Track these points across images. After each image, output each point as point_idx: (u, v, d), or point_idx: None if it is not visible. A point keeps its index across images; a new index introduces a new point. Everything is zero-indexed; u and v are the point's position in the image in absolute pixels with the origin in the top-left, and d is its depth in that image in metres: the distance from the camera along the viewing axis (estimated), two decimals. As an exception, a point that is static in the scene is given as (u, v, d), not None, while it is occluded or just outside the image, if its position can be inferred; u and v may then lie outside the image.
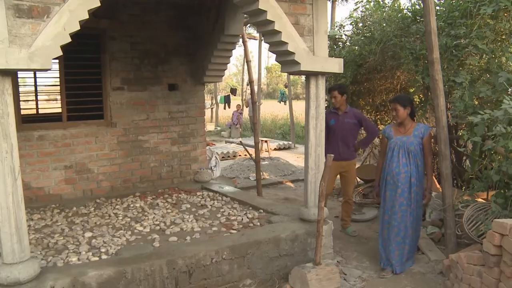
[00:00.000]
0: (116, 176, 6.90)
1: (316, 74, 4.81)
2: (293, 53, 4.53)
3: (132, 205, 6.09)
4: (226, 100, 27.97)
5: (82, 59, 6.62)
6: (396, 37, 6.83)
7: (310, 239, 4.80)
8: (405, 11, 7.25)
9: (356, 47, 8.15)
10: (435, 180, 6.67)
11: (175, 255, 4.10)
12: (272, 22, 4.36)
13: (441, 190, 5.37)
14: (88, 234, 4.90)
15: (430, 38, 5.01)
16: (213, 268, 4.24)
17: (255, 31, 18.99)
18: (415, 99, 7.45)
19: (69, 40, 3.51)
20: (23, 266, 3.53)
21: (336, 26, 9.55)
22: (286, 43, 4.49)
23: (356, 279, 4.83)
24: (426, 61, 5.90)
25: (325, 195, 4.43)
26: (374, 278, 4.90)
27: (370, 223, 6.90)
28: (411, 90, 7.72)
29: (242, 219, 5.34)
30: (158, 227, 5.17)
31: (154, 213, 5.68)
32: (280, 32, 4.42)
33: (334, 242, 5.11)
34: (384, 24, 7.34)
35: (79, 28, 3.54)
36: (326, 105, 5.57)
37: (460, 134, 6.32)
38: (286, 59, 4.68)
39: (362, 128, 6.53)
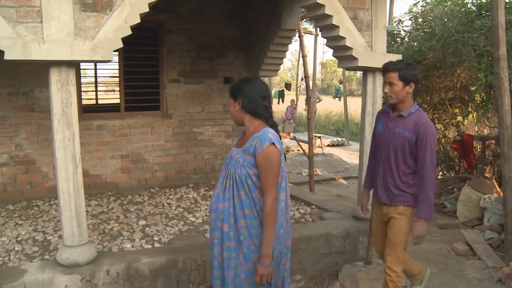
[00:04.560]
0: (171, 167, 7.05)
1: (373, 70, 4.73)
2: (350, 48, 4.48)
3: (185, 196, 6.21)
4: (280, 95, 28.01)
5: (140, 52, 6.80)
6: (458, 33, 6.60)
7: (362, 237, 4.75)
8: (469, 5, 6.99)
9: (415, 43, 7.94)
10: (495, 183, 6.37)
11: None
12: (330, 16, 4.32)
13: (502, 194, 5.14)
14: (142, 222, 5.04)
15: (497, 33, 4.75)
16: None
17: (311, 26, 18.88)
18: (476, 98, 7.18)
19: (130, 32, 3.61)
20: (81, 249, 3.68)
21: (395, 21, 9.33)
22: (343, 38, 4.44)
23: (407, 281, 4.73)
24: (490, 58, 5.67)
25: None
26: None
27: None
28: (472, 89, 7.45)
29: (294, 214, 5.34)
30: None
31: (207, 205, 5.76)
32: (338, 26, 4.37)
33: (386, 242, 5.02)
34: (446, 19, 7.10)
35: (139, 21, 3.63)
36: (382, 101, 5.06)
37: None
38: (343, 54, 4.63)
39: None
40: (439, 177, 8.37)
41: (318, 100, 20.00)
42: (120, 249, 4.26)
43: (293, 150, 14.39)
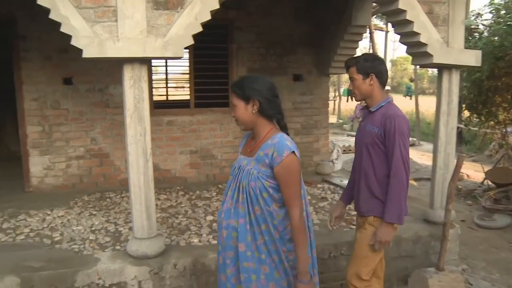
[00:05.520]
0: (238, 163, 7.08)
1: (449, 67, 4.51)
2: (425, 45, 4.29)
3: (252, 193, 6.22)
4: (350, 93, 27.50)
5: (210, 49, 6.88)
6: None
7: (433, 242, 4.55)
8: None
9: (496, 38, 7.52)
10: None
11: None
12: (404, 11, 4.15)
13: None
14: (210, 218, 5.10)
15: None
16: (331, 263, 4.20)
17: (382, 22, 18.46)
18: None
19: (201, 29, 3.65)
20: (150, 242, 3.77)
21: (472, 15, 8.89)
22: (418, 34, 4.25)
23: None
24: None
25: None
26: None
27: (502, 231, 6.35)
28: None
29: (362, 215, 5.20)
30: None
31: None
32: (412, 22, 4.20)
33: (459, 248, 4.80)
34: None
35: (210, 18, 3.66)
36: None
37: None
38: (417, 50, 4.44)
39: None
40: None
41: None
42: (187, 244, 4.33)
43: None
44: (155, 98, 7.67)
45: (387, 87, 20.72)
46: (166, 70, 8.23)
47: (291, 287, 2.49)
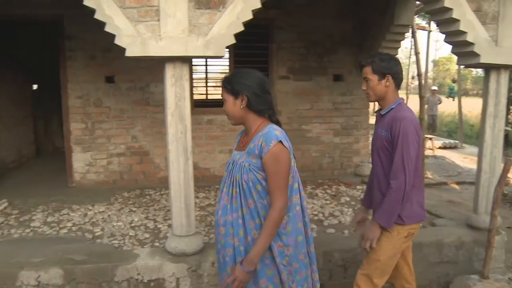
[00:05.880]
0: (277, 163, 7.07)
1: (498, 67, 4.34)
2: (472, 44, 4.13)
3: (291, 193, 6.19)
4: (389, 93, 27.09)
5: (250, 48, 6.89)
6: None
7: (477, 248, 4.41)
8: None
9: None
10: None
11: (332, 247, 4.08)
12: (450, 9, 4.02)
13: None
14: (248, 217, 5.10)
15: None
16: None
17: (424, 21, 18.07)
18: None
19: (242, 28, 3.65)
20: (189, 240, 3.80)
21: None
22: (464, 33, 4.10)
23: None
24: None
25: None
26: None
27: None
28: None
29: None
30: (316, 217, 5.18)
31: (313, 203, 5.72)
32: (458, 20, 4.06)
33: (506, 256, 4.63)
34: None
35: (252, 17, 3.65)
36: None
37: None
38: (463, 50, 4.29)
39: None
40: None
41: (439, 102, 18.95)
42: (225, 242, 4.34)
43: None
44: (195, 97, 7.75)
45: (434, 87, 20.32)
46: (206, 69, 8.29)
47: (284, 285, 2.42)
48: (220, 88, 2.61)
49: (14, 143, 8.39)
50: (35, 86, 10.18)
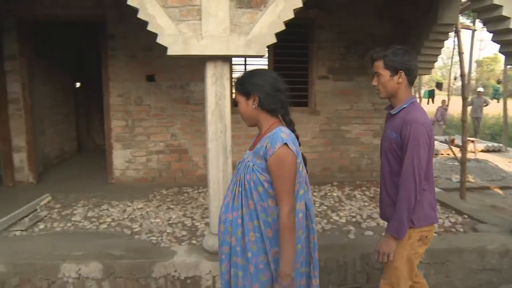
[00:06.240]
0: (316, 164, 7.04)
1: (547, 68, 4.17)
2: (522, 43, 3.99)
3: (329, 194, 6.15)
4: (430, 95, 26.52)
5: (290, 48, 6.85)
6: None
7: (523, 256, 4.25)
8: None
9: None
10: None
11: (370, 250, 4.00)
12: (499, 6, 3.87)
13: None
14: (285, 217, 5.07)
15: None
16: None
17: (469, 20, 17.64)
18: None
19: (283, 28, 3.64)
20: (226, 239, 3.79)
21: None
22: (514, 32, 3.96)
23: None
24: None
25: None
26: None
27: None
28: None
29: (443, 222, 4.98)
30: (354, 219, 5.11)
31: (351, 205, 5.65)
32: (508, 18, 3.89)
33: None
34: None
35: (293, 16, 3.63)
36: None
37: None
38: (512, 50, 4.14)
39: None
40: None
41: (485, 104, 18.45)
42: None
43: (442, 154, 13.57)
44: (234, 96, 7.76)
45: (480, 89, 19.79)
46: (245, 68, 8.29)
47: None
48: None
49: (57, 139, 8.62)
50: (77, 85, 10.44)
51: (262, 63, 8.36)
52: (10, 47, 6.43)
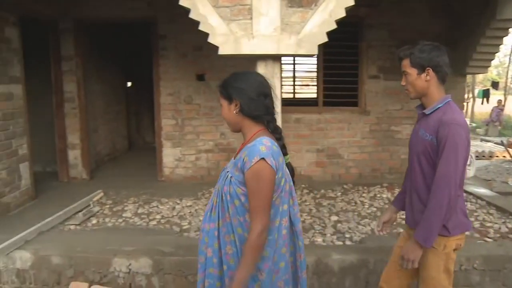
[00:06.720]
0: (365, 164, 6.93)
1: None
2: None
3: (378, 195, 6.03)
4: (485, 95, 25.59)
5: (340, 47, 6.77)
6: None
7: None
8: None
9: None
10: None
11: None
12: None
13: None
14: (334, 218, 5.02)
15: None
16: (461, 276, 3.90)
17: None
18: None
19: (335, 26, 3.59)
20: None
21: None
22: None
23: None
24: None
25: None
26: None
27: None
28: None
29: (499, 228, 4.78)
30: (403, 221, 4.99)
31: (400, 207, 5.52)
32: None
33: None
34: None
35: (344, 14, 3.59)
36: None
37: None
38: None
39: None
40: None
41: None
42: (311, 242, 4.31)
43: (497, 156, 13.10)
44: (283, 95, 7.75)
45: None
46: (294, 68, 8.28)
47: None
48: (307, 87, 2.50)
49: (109, 137, 8.86)
50: (129, 84, 10.69)
51: (311, 63, 8.32)
52: (66, 48, 6.65)
